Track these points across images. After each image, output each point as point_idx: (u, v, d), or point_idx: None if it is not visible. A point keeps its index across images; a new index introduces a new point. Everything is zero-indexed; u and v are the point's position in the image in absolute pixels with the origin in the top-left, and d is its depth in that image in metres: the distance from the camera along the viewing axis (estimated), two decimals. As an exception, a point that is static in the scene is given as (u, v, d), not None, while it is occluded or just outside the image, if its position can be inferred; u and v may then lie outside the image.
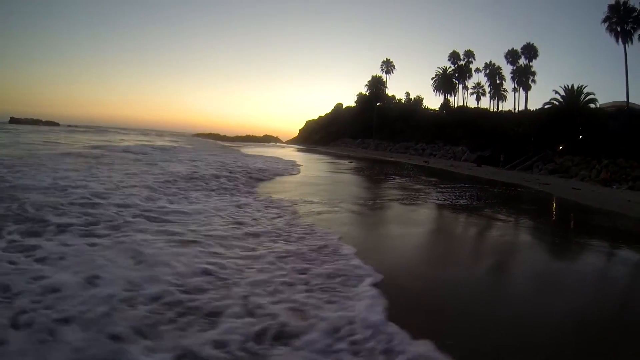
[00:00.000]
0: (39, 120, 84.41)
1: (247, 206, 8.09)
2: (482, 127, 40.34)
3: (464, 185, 17.14)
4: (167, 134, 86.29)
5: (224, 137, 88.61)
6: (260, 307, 3.43)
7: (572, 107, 30.93)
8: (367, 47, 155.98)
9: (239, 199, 8.89)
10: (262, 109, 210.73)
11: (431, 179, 18.99)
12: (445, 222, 9.52)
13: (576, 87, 32.47)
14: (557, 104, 32.76)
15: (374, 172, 21.99)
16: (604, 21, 36.30)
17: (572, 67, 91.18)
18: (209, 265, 4.36)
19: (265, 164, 19.46)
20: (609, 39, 36.42)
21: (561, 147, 28.82)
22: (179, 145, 32.04)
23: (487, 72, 58.99)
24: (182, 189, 9.52)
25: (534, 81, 53.88)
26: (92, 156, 14.98)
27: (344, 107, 79.53)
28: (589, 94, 32.16)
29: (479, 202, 12.25)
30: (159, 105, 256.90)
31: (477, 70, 60.79)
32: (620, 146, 23.45)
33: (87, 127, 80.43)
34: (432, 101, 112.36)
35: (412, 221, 8.59)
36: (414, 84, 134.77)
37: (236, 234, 5.81)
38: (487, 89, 59.96)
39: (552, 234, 8.58)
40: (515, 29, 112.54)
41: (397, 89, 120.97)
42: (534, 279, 5.23)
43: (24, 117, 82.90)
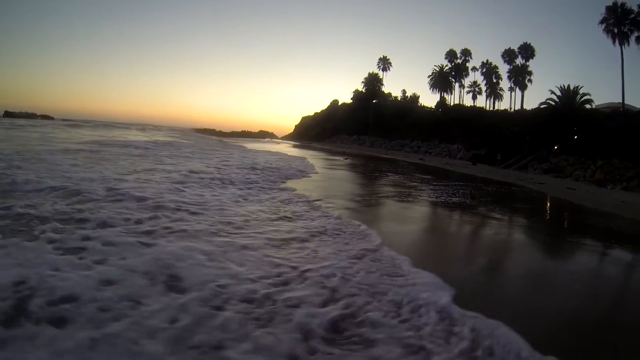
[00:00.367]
0: (33, 114, 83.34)
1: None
2: (478, 125, 40.42)
3: (458, 183, 17.05)
4: (165, 128, 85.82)
5: (220, 133, 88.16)
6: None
7: (568, 107, 30.93)
8: (364, 44, 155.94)
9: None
10: (258, 105, 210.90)
11: (426, 177, 18.87)
12: (438, 219, 9.37)
13: (572, 88, 32.50)
14: (553, 104, 32.76)
15: (368, 169, 21.82)
16: (601, 22, 36.42)
17: (569, 68, 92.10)
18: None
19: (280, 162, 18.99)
20: (606, 40, 36.63)
21: (556, 147, 28.82)
22: (191, 142, 31.63)
23: (484, 71, 58.97)
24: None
25: (530, 81, 54.07)
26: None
27: (340, 104, 79.03)
28: (585, 95, 32.25)
29: (473, 200, 12.14)
30: (155, 100, 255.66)
31: (474, 69, 60.88)
32: (615, 147, 23.45)
33: (84, 122, 78.93)
34: (429, 99, 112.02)
35: (405, 218, 8.44)
36: (410, 81, 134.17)
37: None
38: (484, 88, 60.11)
39: (546, 233, 8.50)
40: (512, 28, 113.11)
41: (393, 86, 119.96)
42: (527, 277, 5.15)
43: (19, 110, 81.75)
